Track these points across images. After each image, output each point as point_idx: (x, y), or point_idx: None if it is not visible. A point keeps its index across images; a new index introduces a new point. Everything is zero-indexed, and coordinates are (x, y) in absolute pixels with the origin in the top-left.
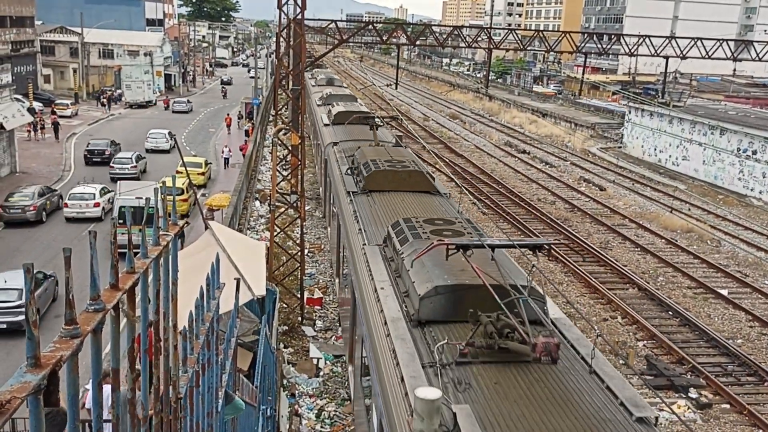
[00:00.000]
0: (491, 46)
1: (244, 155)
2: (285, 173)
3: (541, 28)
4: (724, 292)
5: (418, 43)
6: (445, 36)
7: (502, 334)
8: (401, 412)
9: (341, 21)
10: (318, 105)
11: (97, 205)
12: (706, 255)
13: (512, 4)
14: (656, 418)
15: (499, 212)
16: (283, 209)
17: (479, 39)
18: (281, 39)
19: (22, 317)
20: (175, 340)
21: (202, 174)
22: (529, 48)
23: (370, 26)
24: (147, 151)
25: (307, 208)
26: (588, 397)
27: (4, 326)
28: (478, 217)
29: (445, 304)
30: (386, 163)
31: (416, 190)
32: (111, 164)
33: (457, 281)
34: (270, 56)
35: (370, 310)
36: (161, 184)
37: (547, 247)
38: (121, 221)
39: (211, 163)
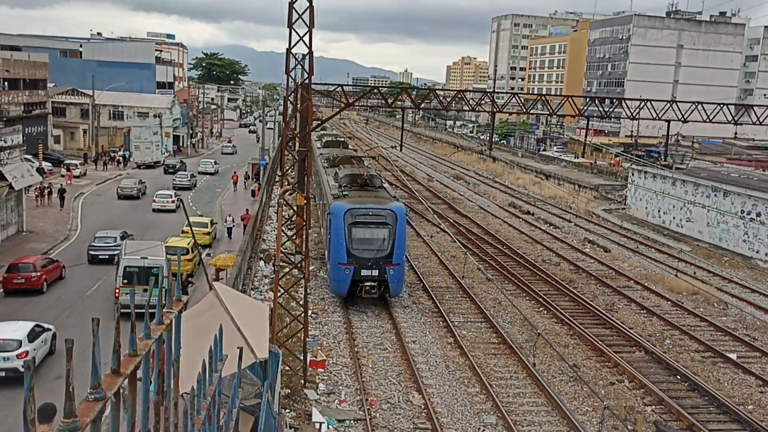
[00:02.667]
0: (495, 110)
1: (245, 226)
2: (290, 233)
3: (544, 92)
4: (733, 356)
5: (422, 106)
6: (449, 99)
7: (364, 184)
8: (328, 194)
9: (347, 85)
10: (315, 141)
11: (173, 201)
12: (713, 318)
13: (515, 68)
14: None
15: (504, 273)
16: (287, 269)
17: (483, 102)
18: (288, 102)
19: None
20: (176, 418)
21: (208, 234)
22: (531, 111)
23: (376, 90)
24: (199, 173)
25: (311, 268)
26: (384, 193)
27: (105, 256)
28: (481, 281)
29: (349, 180)
30: (343, 155)
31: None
32: (174, 178)
33: (353, 173)
34: (278, 119)
35: (324, 187)
36: (166, 245)
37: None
38: (125, 281)
39: (216, 222)
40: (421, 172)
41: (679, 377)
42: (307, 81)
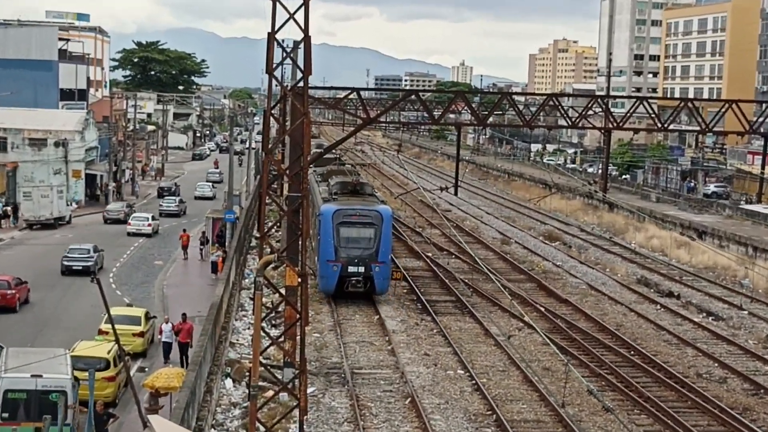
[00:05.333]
0: (610, 125)
1: (184, 344)
2: (275, 333)
3: (691, 94)
4: None
5: (490, 120)
6: (534, 110)
7: (354, 191)
8: (318, 200)
9: (367, 89)
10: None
11: (149, 225)
12: None
13: (641, 57)
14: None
15: (634, 397)
16: (270, 394)
17: (589, 114)
18: (272, 119)
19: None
20: None
21: (141, 335)
22: (671, 127)
23: (414, 96)
24: (195, 198)
25: (311, 390)
26: (373, 198)
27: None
28: (595, 409)
29: (340, 187)
30: (334, 169)
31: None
32: (161, 203)
33: (344, 180)
34: (254, 146)
35: (316, 195)
36: (73, 355)
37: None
38: (6, 415)
39: (155, 317)
40: (489, 227)
41: None
42: (302, 84)
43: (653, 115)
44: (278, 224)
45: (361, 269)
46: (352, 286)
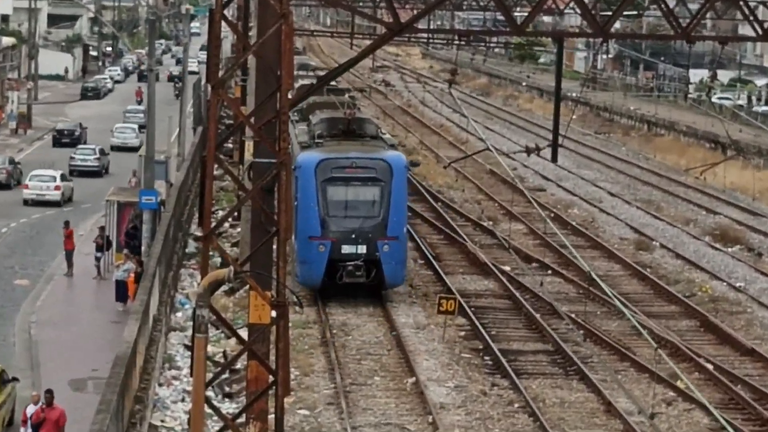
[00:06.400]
0: None
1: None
2: (230, 409)
3: None
4: None
5: (616, 29)
6: (697, 8)
7: (348, 131)
8: (295, 147)
9: None
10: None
11: (57, 188)
12: None
13: None
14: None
15: None
16: None
17: None
18: (225, 23)
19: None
20: None
21: None
22: None
23: None
24: (112, 148)
25: None
26: (377, 141)
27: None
28: None
29: (326, 126)
30: (318, 101)
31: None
32: (72, 154)
33: (332, 116)
34: (193, 70)
35: (295, 138)
36: None
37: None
38: None
39: (15, 380)
40: (613, 220)
41: None
42: None
43: None
44: (235, 214)
45: (362, 249)
46: (349, 274)
